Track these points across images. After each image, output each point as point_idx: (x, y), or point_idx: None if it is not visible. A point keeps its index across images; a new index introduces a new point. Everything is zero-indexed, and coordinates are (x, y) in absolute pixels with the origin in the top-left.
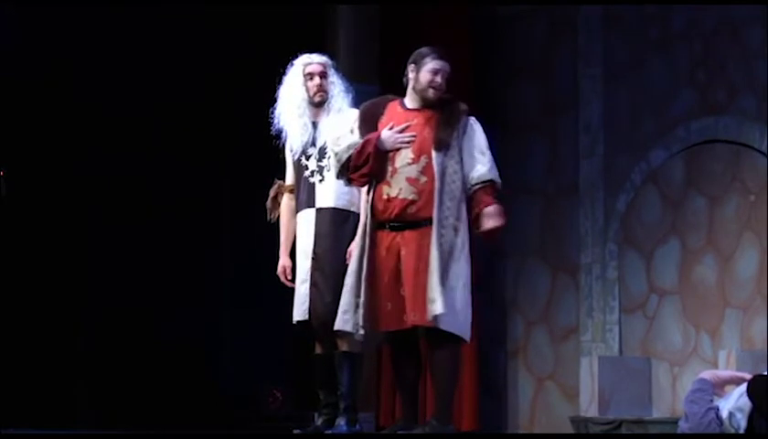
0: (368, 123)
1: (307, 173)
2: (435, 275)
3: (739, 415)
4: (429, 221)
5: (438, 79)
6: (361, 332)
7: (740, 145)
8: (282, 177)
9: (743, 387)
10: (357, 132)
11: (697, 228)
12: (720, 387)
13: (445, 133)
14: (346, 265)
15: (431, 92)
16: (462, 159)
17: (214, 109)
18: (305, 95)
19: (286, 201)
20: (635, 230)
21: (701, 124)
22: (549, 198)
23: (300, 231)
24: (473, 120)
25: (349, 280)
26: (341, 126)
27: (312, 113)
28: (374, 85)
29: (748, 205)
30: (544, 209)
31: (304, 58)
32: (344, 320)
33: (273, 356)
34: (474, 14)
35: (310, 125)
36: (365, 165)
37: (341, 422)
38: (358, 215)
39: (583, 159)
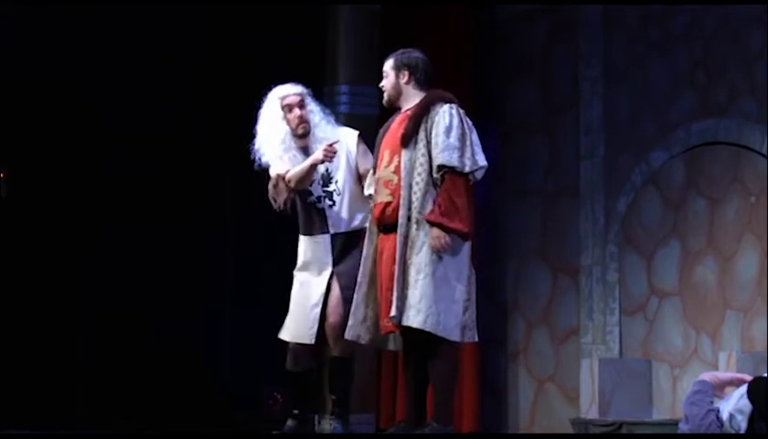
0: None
1: (312, 198)
2: (396, 275)
3: (739, 417)
4: None
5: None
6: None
7: (740, 147)
8: None
9: (744, 389)
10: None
11: (697, 229)
12: (720, 388)
13: (407, 128)
14: None
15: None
16: (429, 150)
17: (215, 110)
18: (287, 128)
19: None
20: (636, 231)
21: (702, 126)
22: (550, 199)
23: (312, 256)
24: (445, 107)
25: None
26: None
27: (298, 144)
28: (374, 86)
29: (748, 207)
30: (544, 211)
31: (278, 91)
32: (358, 329)
33: (274, 357)
34: (475, 14)
35: (300, 155)
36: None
37: (336, 424)
38: None
39: (583, 160)
